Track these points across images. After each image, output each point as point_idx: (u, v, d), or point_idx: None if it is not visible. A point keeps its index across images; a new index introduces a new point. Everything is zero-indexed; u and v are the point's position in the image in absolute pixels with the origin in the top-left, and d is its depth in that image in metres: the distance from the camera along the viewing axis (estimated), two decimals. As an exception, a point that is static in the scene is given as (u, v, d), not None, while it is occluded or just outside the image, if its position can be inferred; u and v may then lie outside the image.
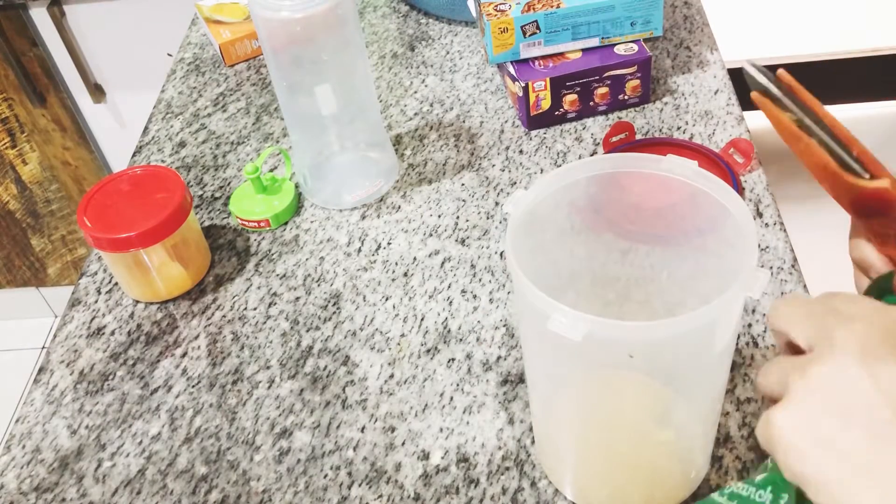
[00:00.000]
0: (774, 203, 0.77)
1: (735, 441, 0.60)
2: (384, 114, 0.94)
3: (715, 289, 0.45)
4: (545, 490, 0.59)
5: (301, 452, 0.63)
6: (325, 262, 0.78)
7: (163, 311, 0.76)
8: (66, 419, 0.68)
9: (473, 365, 0.67)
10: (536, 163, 0.85)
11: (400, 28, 1.07)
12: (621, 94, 0.88)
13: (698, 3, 1.04)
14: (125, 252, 0.72)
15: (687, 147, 0.83)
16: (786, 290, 0.69)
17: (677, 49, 0.97)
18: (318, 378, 0.68)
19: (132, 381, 0.70)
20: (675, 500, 0.57)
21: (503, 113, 0.91)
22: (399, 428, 0.64)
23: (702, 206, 0.50)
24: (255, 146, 0.92)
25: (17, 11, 1.35)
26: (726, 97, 0.89)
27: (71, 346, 0.74)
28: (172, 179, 0.75)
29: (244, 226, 0.82)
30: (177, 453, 0.65)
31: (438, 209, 0.81)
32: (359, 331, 0.71)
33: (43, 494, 0.63)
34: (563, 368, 0.52)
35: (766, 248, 0.73)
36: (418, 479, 0.61)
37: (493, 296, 0.72)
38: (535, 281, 0.43)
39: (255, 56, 1.05)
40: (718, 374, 0.51)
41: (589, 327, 0.41)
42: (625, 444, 0.55)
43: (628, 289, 0.59)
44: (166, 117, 0.98)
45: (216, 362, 0.71)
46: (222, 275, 0.78)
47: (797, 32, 2.11)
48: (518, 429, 0.63)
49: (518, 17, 0.85)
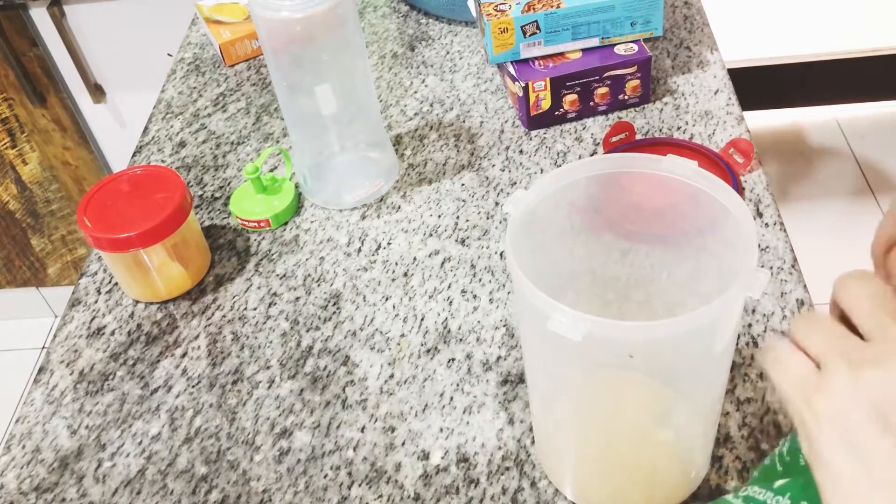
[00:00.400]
0: (774, 203, 0.77)
1: (735, 441, 0.60)
2: (384, 114, 0.94)
3: (715, 289, 0.45)
4: (545, 490, 0.59)
5: (301, 452, 0.63)
6: (325, 262, 0.78)
7: (163, 311, 0.76)
8: (66, 419, 0.68)
9: (473, 365, 0.67)
10: (536, 163, 0.85)
11: (400, 28, 1.07)
12: (621, 94, 0.88)
13: (698, 3, 1.04)
14: (125, 252, 0.72)
15: (687, 147, 0.83)
16: (786, 291, 0.69)
17: (677, 49, 0.97)
18: (318, 378, 0.68)
19: (132, 381, 0.70)
20: (675, 500, 0.57)
21: (503, 113, 0.91)
22: (399, 428, 0.64)
23: (702, 206, 0.50)
24: (255, 146, 0.92)
25: (17, 11, 1.35)
26: (726, 97, 0.89)
27: (71, 346, 0.74)
28: (172, 179, 0.75)
29: (244, 226, 0.82)
30: (177, 453, 0.65)
31: (438, 209, 0.81)
32: (359, 331, 0.71)
33: (43, 494, 0.63)
34: (563, 368, 0.52)
35: (766, 248, 0.73)
36: (418, 479, 0.61)
37: (493, 296, 0.72)
38: (535, 281, 0.43)
39: (255, 56, 1.05)
40: (718, 374, 0.51)
41: (589, 327, 0.41)
42: (625, 444, 0.55)
43: (628, 289, 0.59)
44: (166, 117, 0.98)
45: (216, 362, 0.71)
46: (222, 275, 0.78)
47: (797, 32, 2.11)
48: (518, 429, 0.63)
49: (518, 17, 0.85)
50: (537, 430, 0.60)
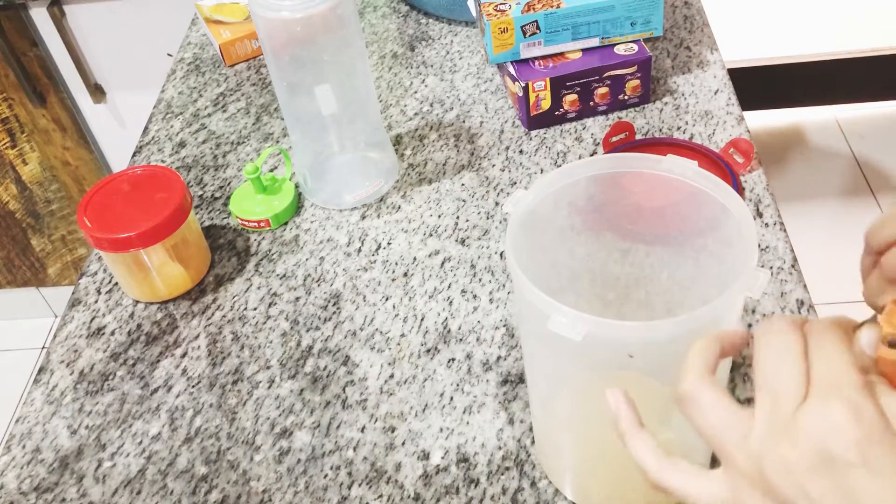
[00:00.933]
0: (774, 203, 0.77)
1: (735, 441, 0.60)
2: (384, 114, 0.94)
3: (715, 289, 0.45)
4: (545, 490, 0.59)
5: (301, 452, 0.63)
6: (325, 262, 0.78)
7: (163, 311, 0.76)
8: (66, 419, 0.68)
9: (473, 365, 0.67)
10: (536, 163, 0.85)
11: (400, 28, 1.07)
12: (621, 94, 0.88)
13: (698, 3, 1.04)
14: (125, 252, 0.72)
15: (687, 147, 0.83)
16: (786, 291, 0.69)
17: (677, 49, 0.97)
18: (318, 378, 0.68)
19: (132, 381, 0.70)
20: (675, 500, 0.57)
21: (503, 113, 0.91)
22: (399, 428, 0.64)
23: (702, 206, 0.50)
24: (255, 146, 0.92)
25: (17, 11, 1.35)
26: (726, 97, 0.89)
27: (71, 346, 0.74)
28: (172, 179, 0.75)
29: (244, 226, 0.82)
30: (177, 453, 0.65)
31: (438, 209, 0.81)
32: (359, 331, 0.71)
33: (43, 494, 0.63)
34: (563, 368, 0.52)
35: (766, 248, 0.73)
36: (418, 479, 0.61)
37: (493, 296, 0.72)
38: (535, 281, 0.43)
39: (255, 56, 1.05)
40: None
41: (589, 327, 0.41)
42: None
43: (628, 289, 0.59)
44: (166, 117, 0.98)
45: (216, 362, 0.71)
46: (222, 275, 0.78)
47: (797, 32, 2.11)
48: (518, 429, 0.63)
49: (518, 17, 0.85)
50: (537, 430, 0.60)
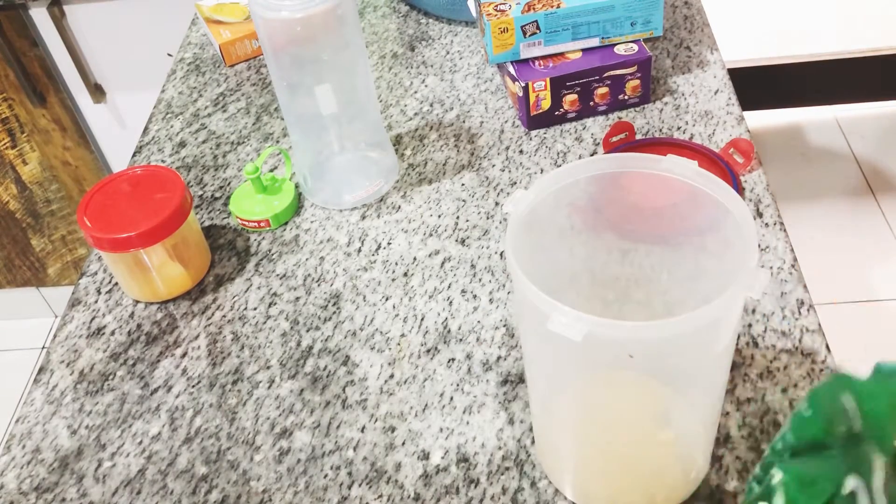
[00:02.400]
0: (774, 203, 0.77)
1: (735, 441, 0.60)
2: (384, 114, 0.94)
3: (715, 289, 0.45)
4: (545, 490, 0.59)
5: (301, 452, 0.63)
6: (325, 262, 0.78)
7: (163, 311, 0.76)
8: (66, 419, 0.68)
9: (473, 365, 0.67)
10: (536, 163, 0.85)
11: (400, 28, 1.07)
12: (621, 94, 0.88)
13: (698, 3, 1.04)
14: (125, 252, 0.72)
15: (687, 147, 0.83)
16: (786, 291, 0.69)
17: (677, 49, 0.97)
18: (318, 378, 0.68)
19: (132, 381, 0.70)
20: (675, 500, 0.57)
21: (503, 113, 0.91)
22: (399, 428, 0.64)
23: (702, 206, 0.50)
24: (255, 146, 0.92)
25: (17, 11, 1.35)
26: (726, 97, 0.89)
27: (71, 346, 0.74)
28: (172, 179, 0.75)
29: (244, 226, 0.82)
30: (177, 453, 0.65)
31: (438, 209, 0.81)
32: (359, 331, 0.71)
33: (43, 494, 0.63)
34: (563, 368, 0.52)
35: (766, 248, 0.73)
36: (418, 479, 0.61)
37: (493, 296, 0.72)
38: (535, 281, 0.43)
39: (255, 56, 1.05)
40: (718, 374, 0.51)
41: (589, 327, 0.41)
42: (625, 444, 0.55)
43: (628, 289, 0.59)
44: (166, 117, 0.98)
45: (216, 362, 0.71)
46: (222, 275, 0.78)
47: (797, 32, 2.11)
48: (518, 429, 0.63)
49: (518, 17, 0.85)
50: (537, 430, 0.60)
